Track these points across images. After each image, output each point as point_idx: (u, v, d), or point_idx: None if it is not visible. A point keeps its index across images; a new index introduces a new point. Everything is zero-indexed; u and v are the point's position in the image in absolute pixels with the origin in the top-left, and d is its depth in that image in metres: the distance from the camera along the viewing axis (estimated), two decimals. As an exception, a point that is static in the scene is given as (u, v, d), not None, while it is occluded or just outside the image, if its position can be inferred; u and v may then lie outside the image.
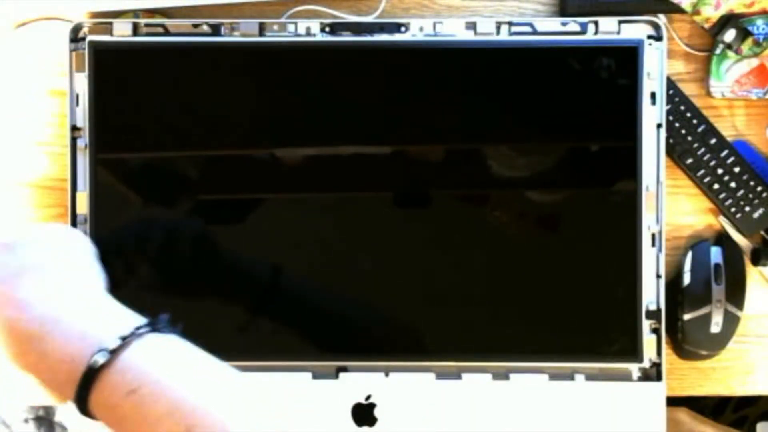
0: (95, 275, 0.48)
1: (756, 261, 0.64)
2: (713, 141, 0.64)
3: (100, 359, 0.40)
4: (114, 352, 0.40)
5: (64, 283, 0.45)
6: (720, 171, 0.64)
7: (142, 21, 0.61)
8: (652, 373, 0.61)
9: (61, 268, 0.46)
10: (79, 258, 0.48)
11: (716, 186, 0.64)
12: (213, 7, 0.62)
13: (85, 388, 0.40)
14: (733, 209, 0.64)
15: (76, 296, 0.44)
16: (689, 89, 0.64)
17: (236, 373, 0.42)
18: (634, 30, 0.61)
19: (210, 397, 0.40)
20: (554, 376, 0.61)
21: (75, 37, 0.61)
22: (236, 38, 0.61)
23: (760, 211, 0.64)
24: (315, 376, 0.61)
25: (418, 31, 0.61)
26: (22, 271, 0.45)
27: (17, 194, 0.65)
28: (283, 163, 0.60)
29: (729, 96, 0.64)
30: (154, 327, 0.42)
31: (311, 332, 0.61)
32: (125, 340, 0.41)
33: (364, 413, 0.61)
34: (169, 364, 0.41)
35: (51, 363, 0.41)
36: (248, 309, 0.61)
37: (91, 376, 0.40)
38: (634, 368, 0.61)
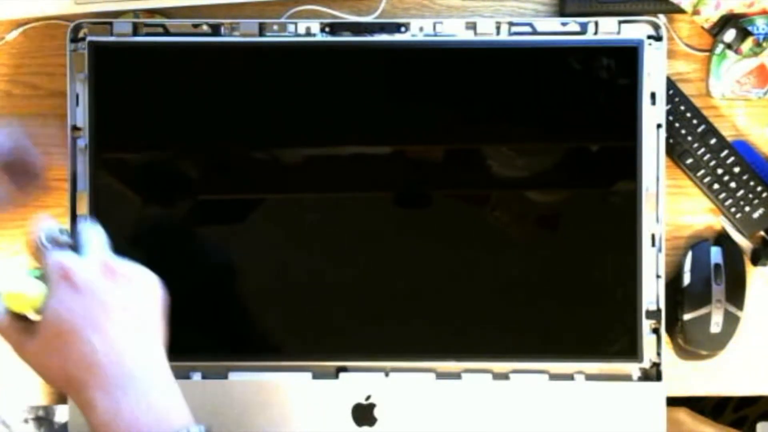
0: (164, 336, 0.50)
1: (756, 261, 0.64)
2: (713, 141, 0.64)
3: None
4: None
5: (149, 339, 0.48)
6: (720, 171, 0.64)
7: (142, 21, 0.61)
8: (652, 373, 0.61)
9: (149, 321, 0.49)
10: (160, 313, 0.50)
11: (716, 186, 0.64)
12: (213, 7, 0.62)
13: None
14: (733, 209, 0.64)
15: (156, 358, 0.48)
16: (689, 89, 0.64)
17: None
18: (634, 30, 0.61)
19: None
20: (554, 376, 0.61)
21: (75, 37, 0.61)
22: (236, 38, 0.61)
23: (760, 211, 0.64)
24: (315, 376, 0.61)
25: (418, 31, 0.61)
26: (119, 306, 0.47)
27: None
28: (283, 163, 0.60)
29: (729, 96, 0.64)
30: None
31: (311, 332, 0.61)
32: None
33: (364, 413, 0.61)
34: None
35: (124, 415, 0.45)
36: (248, 310, 0.61)
37: None
38: (634, 368, 0.61)
